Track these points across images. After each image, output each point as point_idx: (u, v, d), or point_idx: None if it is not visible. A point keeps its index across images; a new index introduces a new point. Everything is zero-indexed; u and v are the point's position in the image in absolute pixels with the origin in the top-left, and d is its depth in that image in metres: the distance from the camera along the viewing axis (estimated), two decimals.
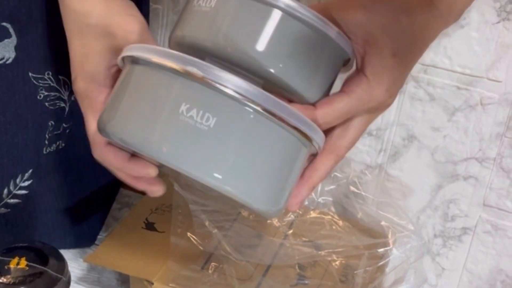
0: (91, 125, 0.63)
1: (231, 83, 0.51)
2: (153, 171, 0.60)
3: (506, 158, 0.80)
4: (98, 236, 0.93)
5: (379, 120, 0.84)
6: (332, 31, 0.57)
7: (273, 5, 0.55)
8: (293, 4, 0.55)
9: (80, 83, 0.66)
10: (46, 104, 0.80)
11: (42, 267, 0.69)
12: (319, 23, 0.56)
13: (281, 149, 0.53)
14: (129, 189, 1.01)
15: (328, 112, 0.59)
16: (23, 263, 0.69)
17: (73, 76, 0.67)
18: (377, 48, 0.59)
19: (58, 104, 0.82)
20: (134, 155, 0.60)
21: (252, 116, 0.51)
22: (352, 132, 0.62)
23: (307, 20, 0.55)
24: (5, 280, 0.67)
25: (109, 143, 0.61)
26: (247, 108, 0.51)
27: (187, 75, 0.51)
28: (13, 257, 0.70)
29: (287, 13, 0.55)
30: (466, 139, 0.81)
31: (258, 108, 0.51)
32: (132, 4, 0.68)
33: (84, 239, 0.92)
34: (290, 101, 0.59)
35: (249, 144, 0.51)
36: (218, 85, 0.50)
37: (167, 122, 0.51)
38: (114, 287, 0.86)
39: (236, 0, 0.55)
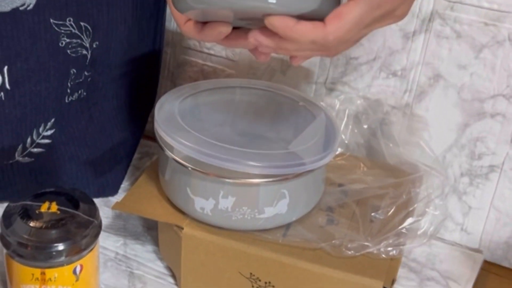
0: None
1: None
2: (224, 29, 0.61)
3: None
4: (121, 185, 0.93)
5: (404, 60, 0.83)
6: None
7: None
8: None
9: None
10: (68, 51, 0.79)
11: (74, 211, 0.69)
12: None
13: None
14: (149, 139, 1.00)
15: (339, 27, 0.56)
16: (54, 207, 0.69)
17: None
18: None
19: (80, 51, 0.81)
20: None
21: None
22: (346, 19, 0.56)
23: None
24: (37, 224, 0.67)
25: (186, 22, 0.64)
26: None
27: None
28: (43, 202, 0.70)
29: None
30: (494, 76, 0.80)
31: None
32: None
33: (107, 189, 0.92)
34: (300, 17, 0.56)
35: None
36: None
37: None
38: (141, 234, 0.86)
39: None
